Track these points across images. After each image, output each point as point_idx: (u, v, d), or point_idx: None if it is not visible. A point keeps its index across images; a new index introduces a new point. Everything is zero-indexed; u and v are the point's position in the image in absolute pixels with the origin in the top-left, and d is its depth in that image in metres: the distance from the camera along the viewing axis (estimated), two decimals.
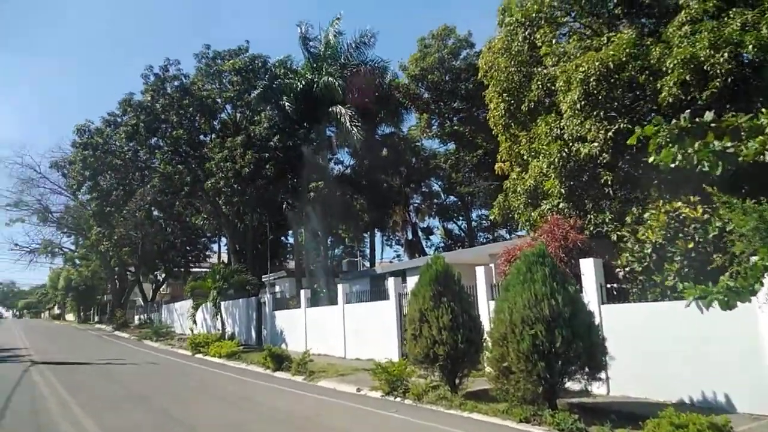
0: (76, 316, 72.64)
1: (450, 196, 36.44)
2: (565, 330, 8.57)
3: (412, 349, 11.12)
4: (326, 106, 27.84)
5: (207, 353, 21.32)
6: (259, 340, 24.85)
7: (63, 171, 33.43)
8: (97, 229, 31.56)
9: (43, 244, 45.95)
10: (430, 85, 32.93)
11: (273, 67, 29.74)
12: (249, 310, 26.18)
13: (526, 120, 17.14)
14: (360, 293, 20.33)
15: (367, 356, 17.13)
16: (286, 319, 22.82)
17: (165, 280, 51.99)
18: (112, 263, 39.08)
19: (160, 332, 31.05)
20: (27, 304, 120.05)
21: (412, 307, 11.29)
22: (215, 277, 23.71)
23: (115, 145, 28.77)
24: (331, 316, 19.49)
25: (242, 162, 25.20)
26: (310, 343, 20.52)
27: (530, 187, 15.25)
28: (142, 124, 27.73)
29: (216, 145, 27.03)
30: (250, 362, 18.14)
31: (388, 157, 33.52)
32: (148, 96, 28.38)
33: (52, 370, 16.08)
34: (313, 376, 14.43)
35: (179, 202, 34.10)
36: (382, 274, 23.80)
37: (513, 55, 17.09)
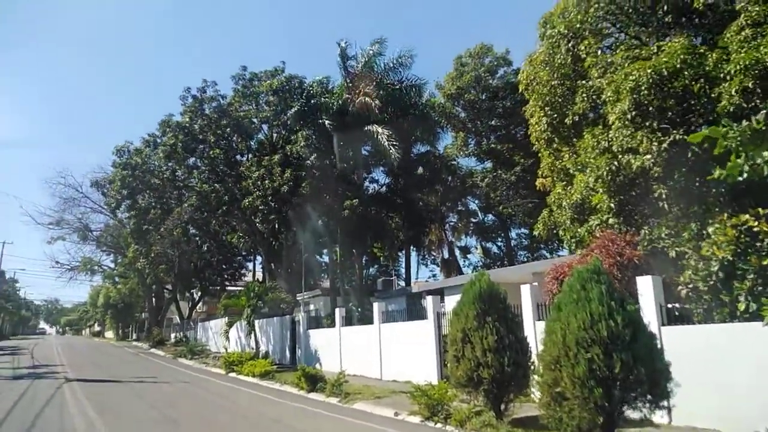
0: (114, 334, 73.77)
1: (488, 214, 35.66)
2: (625, 354, 7.86)
3: (454, 371, 10.49)
4: (362, 124, 27.67)
5: (240, 372, 20.98)
6: (293, 359, 24.42)
7: (103, 190, 34.04)
8: (135, 246, 31.90)
9: (83, 261, 46.82)
10: (466, 103, 32.54)
11: (309, 87, 29.81)
12: (283, 329, 25.83)
13: (569, 134, 16.49)
14: (396, 312, 19.73)
15: (405, 378, 16.49)
16: (321, 339, 22.36)
17: (201, 298, 52.34)
18: (148, 281, 39.48)
19: (194, 350, 30.93)
20: (69, 321, 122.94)
21: (454, 327, 10.68)
22: (249, 294, 23.47)
23: (153, 164, 29.13)
24: (367, 336, 18.94)
25: (280, 180, 25.08)
26: (345, 364, 19.97)
27: (576, 202, 14.53)
28: (180, 144, 28.07)
29: (253, 164, 27.07)
30: (283, 382, 17.70)
31: (423, 175, 33.09)
32: (186, 117, 28.74)
33: (84, 387, 15.94)
34: (349, 398, 13.87)
35: (215, 221, 34.26)
36: (419, 293, 23.19)
37: (556, 68, 16.51)
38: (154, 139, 29.56)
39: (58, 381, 17.41)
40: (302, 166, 26.02)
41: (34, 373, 20.29)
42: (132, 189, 28.30)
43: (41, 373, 20.27)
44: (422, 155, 33.71)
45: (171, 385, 17.19)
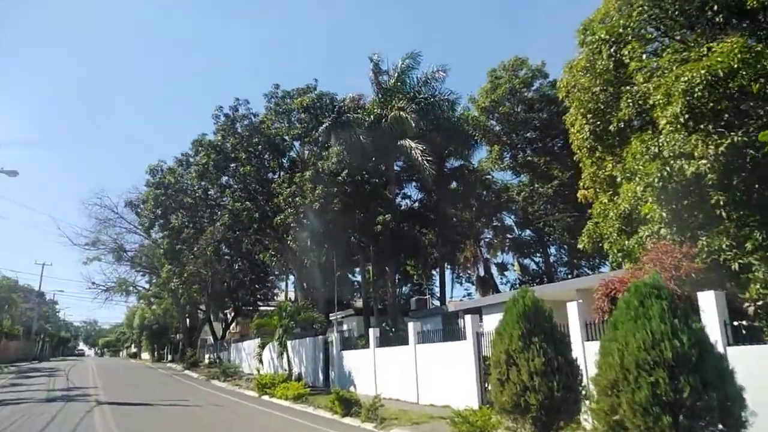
0: (150, 355, 74.33)
1: (525, 230, 34.63)
2: (692, 377, 7.05)
3: (498, 396, 9.70)
4: (395, 139, 27.30)
5: (273, 395, 20.44)
6: (327, 381, 23.77)
7: (137, 210, 34.32)
8: (168, 266, 31.93)
9: (118, 282, 47.31)
10: (501, 116, 31.86)
11: (341, 103, 29.61)
12: (316, 350, 25.26)
13: (614, 141, 15.65)
14: (431, 332, 18.94)
15: (443, 402, 15.69)
16: (355, 360, 21.69)
17: (234, 318, 52.24)
18: (182, 301, 39.49)
19: (227, 372, 30.59)
20: (107, 343, 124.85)
21: (497, 348, 9.92)
22: (281, 314, 23.01)
23: (186, 183, 29.18)
24: (402, 357, 18.20)
25: (312, 197, 24.73)
26: (380, 386, 19.26)
27: (624, 213, 13.65)
28: (212, 162, 28.09)
29: (284, 180, 26.83)
30: (317, 406, 17.06)
31: (457, 190, 32.40)
32: (218, 135, 28.79)
33: (115, 411, 15.62)
34: (385, 423, 13.15)
35: (247, 239, 34.12)
36: (455, 312, 22.39)
37: (597, 74, 15.79)
38: (187, 158, 29.69)
39: (90, 404, 17.15)
40: (334, 182, 25.63)
41: (67, 396, 20.13)
42: (165, 208, 28.38)
43: (74, 396, 20.10)
44: (456, 170, 33.04)
45: (202, 409, 16.73)
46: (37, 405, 17.17)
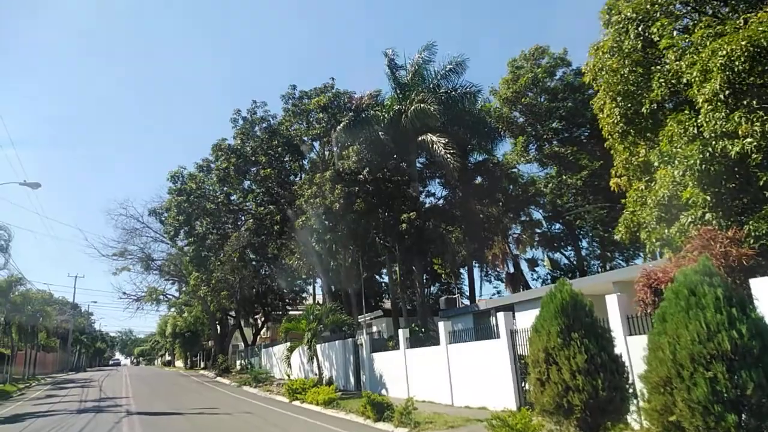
0: (183, 362, 74.96)
1: (554, 223, 33.76)
2: (755, 372, 6.43)
3: (539, 397, 9.15)
4: (415, 135, 26.78)
5: (304, 400, 20.11)
6: (358, 384, 23.38)
7: (161, 218, 34.45)
8: (196, 274, 31.93)
9: (148, 291, 47.69)
10: (524, 107, 31.13)
11: (359, 101, 29.22)
12: (346, 353, 24.88)
13: (647, 125, 14.90)
14: (462, 332, 18.39)
15: (478, 404, 15.13)
16: (385, 362, 21.24)
17: (264, 323, 52.25)
18: (211, 308, 39.56)
19: (259, 378, 30.41)
20: (142, 352, 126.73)
21: (535, 346, 9.36)
22: (309, 317, 22.68)
23: (207, 189, 29.12)
24: (434, 358, 17.68)
25: (332, 197, 24.40)
26: (413, 389, 18.77)
27: (662, 200, 12.90)
28: (232, 167, 27.98)
29: (305, 182, 26.57)
30: (348, 410, 16.65)
31: (483, 185, 31.71)
32: (238, 139, 28.68)
33: (144, 421, 15.45)
34: (419, 428, 12.66)
35: (272, 244, 33.97)
36: (486, 310, 21.79)
37: (625, 55, 15.04)
38: (208, 163, 29.66)
39: (119, 415, 17.03)
40: (355, 181, 25.24)
41: (98, 407, 20.12)
42: (188, 215, 28.37)
43: (105, 407, 20.08)
44: (480, 164, 32.33)
45: (232, 417, 16.44)
46: (68, 417, 17.12)
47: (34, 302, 38.92)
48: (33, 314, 38.74)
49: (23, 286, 37.55)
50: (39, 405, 22.39)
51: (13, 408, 21.88)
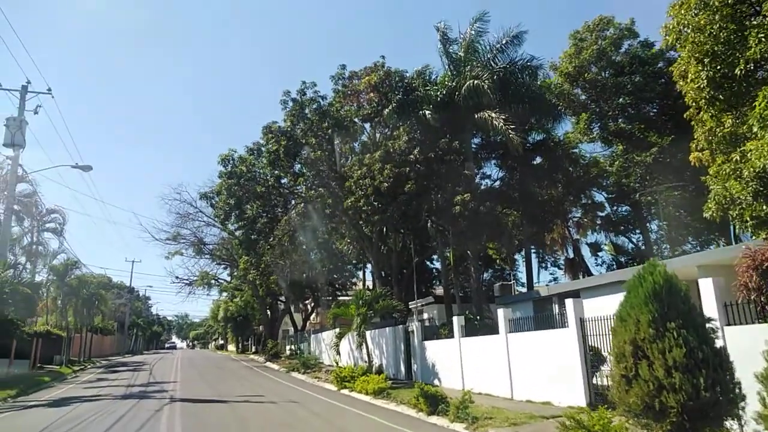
0: (235, 347, 76.04)
1: (620, 204, 31.59)
2: None
3: (623, 396, 7.78)
4: (470, 113, 25.29)
5: (353, 389, 19.24)
6: (409, 374, 22.35)
7: (211, 202, 34.24)
8: (245, 257, 31.57)
9: (200, 275, 48.09)
10: (586, 83, 29.07)
11: (410, 79, 27.95)
12: (396, 340, 23.87)
13: (740, 89, 13.05)
14: (522, 320, 16.98)
15: (541, 398, 13.80)
16: (438, 351, 20.09)
17: (314, 309, 52.00)
18: (261, 292, 39.35)
19: (307, 364, 29.86)
20: (197, 335, 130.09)
21: (620, 337, 7.97)
22: (358, 303, 21.73)
23: (257, 172, 28.55)
24: (492, 348, 16.40)
25: (381, 178, 23.31)
26: (468, 380, 17.58)
27: (762, 171, 11.14)
28: (282, 149, 27.26)
29: (354, 163, 25.59)
30: (399, 402, 15.61)
31: (542, 166, 29.91)
32: (287, 122, 27.93)
33: (185, 409, 14.83)
34: (477, 424, 11.45)
35: (323, 227, 33.24)
36: (548, 297, 20.27)
37: (715, 9, 13.19)
38: (258, 147, 29.10)
39: (162, 401, 16.54)
40: (406, 162, 24.04)
41: (144, 392, 19.82)
42: (238, 198, 27.91)
43: (150, 392, 19.75)
44: (539, 144, 30.48)
45: (277, 406, 15.64)
46: (111, 402, 16.79)
47: (89, 286, 39.64)
48: (89, 298, 39.47)
49: (79, 269, 38.32)
50: (88, 389, 22.41)
51: (63, 391, 21.97)
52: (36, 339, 33.58)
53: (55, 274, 35.61)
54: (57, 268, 35.72)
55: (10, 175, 21.87)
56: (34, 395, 20.87)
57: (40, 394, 20.89)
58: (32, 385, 23.92)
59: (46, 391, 22.12)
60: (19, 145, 21.07)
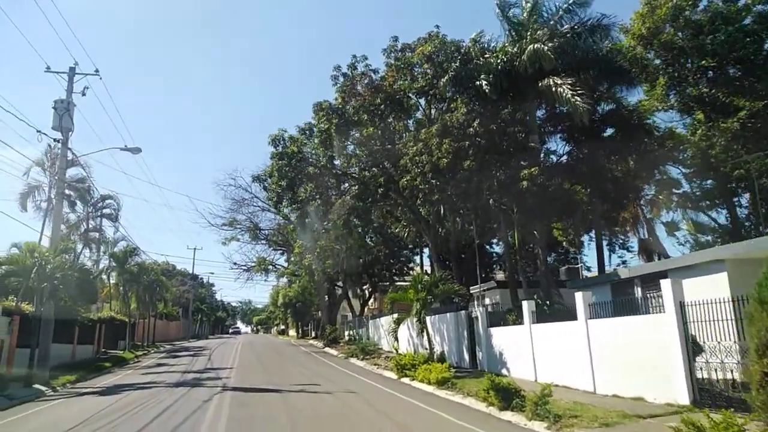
0: (296, 331, 76.56)
1: (701, 179, 28.80)
2: None
3: (765, 398, 6.14)
4: (532, 81, 23.27)
5: (414, 377, 17.99)
6: (473, 362, 20.90)
7: (264, 184, 33.63)
8: (300, 242, 30.80)
9: (257, 261, 48.08)
10: (661, 45, 26.39)
11: (466, 48, 26.12)
12: (458, 326, 22.43)
13: None
14: (600, 305, 15.16)
15: (631, 393, 12.09)
16: (506, 338, 18.53)
17: (372, 294, 51.23)
18: (316, 277, 38.67)
19: (366, 350, 28.90)
20: (259, 321, 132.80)
21: (758, 324, 6.30)
22: (417, 287, 20.37)
23: (309, 152, 27.57)
24: (569, 335, 14.71)
25: (439, 153, 21.79)
26: (540, 370, 16.02)
27: None
28: (333, 127, 26.13)
29: (409, 139, 24.18)
30: (466, 393, 14.21)
31: (613, 138, 27.47)
32: (338, 98, 26.76)
33: (235, 399, 13.95)
34: (561, 423, 9.91)
35: (377, 211, 32.03)
36: (629, 279, 18.23)
37: None
38: (310, 126, 28.10)
39: (214, 390, 15.77)
40: (464, 135, 22.38)
41: (198, 379, 19.30)
42: (290, 180, 27.03)
43: (204, 379, 19.21)
44: (609, 114, 27.99)
45: (333, 397, 14.54)
46: (163, 390, 16.22)
47: (150, 272, 40.07)
48: (150, 284, 39.92)
49: (138, 256, 38.75)
50: (145, 375, 22.20)
51: (119, 377, 21.85)
52: (99, 325, 34.12)
53: (115, 260, 36.08)
54: (117, 255, 36.18)
55: (59, 159, 21.63)
56: (93, 381, 20.80)
57: (97, 380, 20.79)
58: (94, 370, 24.02)
59: (105, 377, 22.05)
60: (67, 128, 20.76)
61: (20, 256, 18.50)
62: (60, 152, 21.52)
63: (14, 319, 20.96)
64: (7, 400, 15.43)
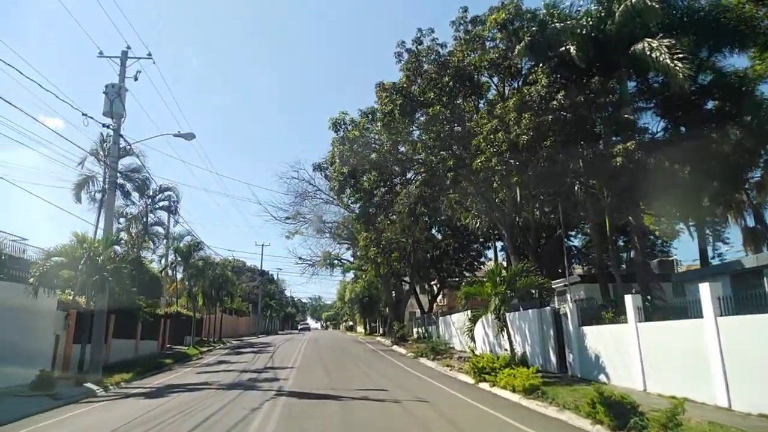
0: (363, 328, 75.42)
1: None
2: None
3: None
4: (626, 45, 20.32)
5: (495, 383, 15.67)
6: (561, 366, 18.29)
7: (325, 173, 32.04)
8: (364, 233, 28.97)
9: (322, 256, 46.87)
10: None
11: (543, 15, 23.35)
12: (542, 325, 19.84)
13: None
14: (727, 300, 12.28)
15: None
16: (603, 339, 15.82)
17: (440, 290, 49.01)
18: (382, 270, 36.76)
19: (437, 349, 26.73)
20: (328, 317, 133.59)
21: None
22: (495, 280, 17.95)
23: (372, 137, 25.63)
24: (691, 336, 11.93)
25: (518, 129, 19.28)
26: (650, 379, 13.33)
27: None
28: (397, 109, 24.05)
29: (482, 116, 21.75)
30: (562, 406, 11.75)
31: (718, 110, 23.92)
32: (403, 77, 24.66)
33: (288, 408, 12.13)
34: None
35: (446, 200, 29.63)
36: (756, 269, 15.18)
37: None
38: (372, 110, 26.20)
39: (267, 395, 14.08)
40: (547, 110, 19.75)
41: (254, 380, 17.83)
42: (352, 167, 25.23)
43: (261, 380, 17.70)
44: (711, 84, 24.45)
45: (401, 408, 12.36)
46: (213, 393, 14.76)
47: (215, 267, 39.50)
48: (215, 279, 39.33)
49: (202, 250, 38.18)
50: (201, 373, 21.07)
51: (175, 376, 20.85)
52: (164, 320, 33.69)
53: (180, 255, 35.61)
54: (181, 249, 35.68)
55: (111, 146, 20.70)
56: (147, 380, 19.83)
57: (152, 380, 19.79)
58: (152, 368, 23.18)
59: (160, 376, 21.09)
60: (119, 113, 19.79)
61: (70, 247, 17.54)
62: (111, 139, 20.60)
63: (70, 314, 20.26)
64: (51, 400, 14.40)
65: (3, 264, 17.34)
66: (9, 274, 17.58)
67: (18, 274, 17.71)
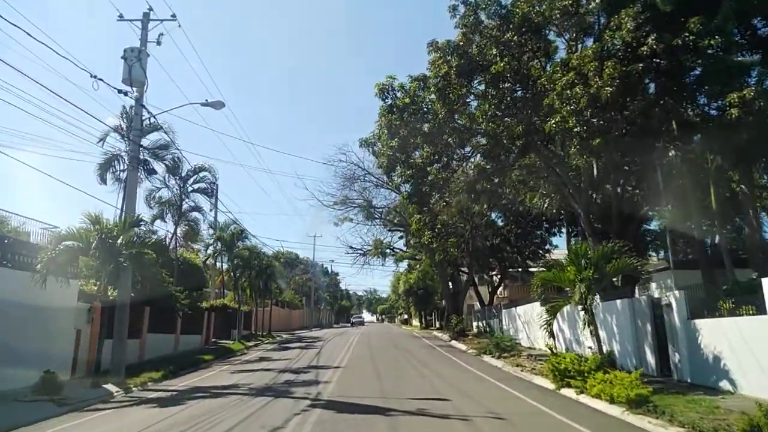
0: (419, 321, 72.56)
1: None
2: None
3: None
4: None
5: (583, 390, 12.48)
6: (663, 368, 14.83)
7: (373, 149, 29.20)
8: (417, 216, 26.00)
9: (373, 244, 44.27)
10: None
11: None
12: (635, 318, 16.38)
13: None
14: None
15: None
16: (728, 335, 12.27)
17: (501, 281, 45.51)
18: (437, 257, 33.65)
19: (502, 345, 23.55)
20: (383, 310, 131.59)
21: None
22: (580, 263, 14.63)
23: (423, 106, 22.63)
24: None
25: (599, 82, 15.89)
26: None
27: None
28: (453, 71, 20.95)
29: (555, 69, 18.38)
30: (689, 426, 8.52)
31: None
32: (459, 34, 21.50)
33: (319, 427, 9.33)
34: None
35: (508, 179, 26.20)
36: None
37: None
38: (423, 77, 23.21)
39: (300, 404, 11.44)
40: (635, 57, 16.22)
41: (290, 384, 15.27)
42: (402, 140, 22.34)
43: (297, 384, 15.12)
44: None
45: (469, 426, 9.40)
46: (237, 401, 12.28)
47: (261, 256, 37.51)
48: (262, 270, 37.33)
49: (247, 239, 36.18)
50: (236, 373, 18.89)
51: (207, 376, 18.86)
52: (209, 313, 31.90)
53: (223, 244, 33.67)
54: (224, 238, 33.69)
55: (133, 118, 18.56)
56: (176, 380, 17.84)
57: (181, 380, 17.75)
58: (187, 365, 21.19)
59: (192, 375, 19.07)
60: (139, 80, 17.62)
61: (84, 230, 15.43)
62: (133, 110, 18.48)
63: (94, 307, 18.32)
64: (53, 407, 12.30)
65: (12, 250, 15.44)
66: (23, 262, 15.74)
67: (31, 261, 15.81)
